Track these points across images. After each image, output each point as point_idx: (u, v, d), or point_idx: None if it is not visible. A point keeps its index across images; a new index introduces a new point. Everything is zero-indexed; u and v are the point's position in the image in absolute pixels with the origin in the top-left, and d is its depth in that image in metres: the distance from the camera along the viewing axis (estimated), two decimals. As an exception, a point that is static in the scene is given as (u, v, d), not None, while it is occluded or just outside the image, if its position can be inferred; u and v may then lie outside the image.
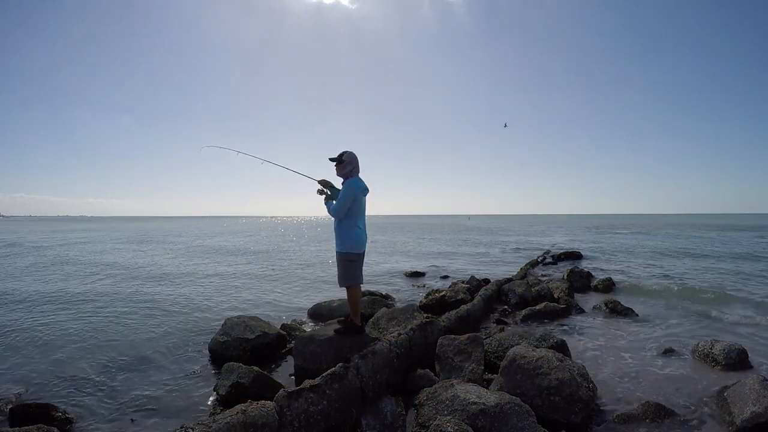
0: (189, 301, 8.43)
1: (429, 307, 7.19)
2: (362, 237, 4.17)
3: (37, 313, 7.46)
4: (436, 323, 4.84)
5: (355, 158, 4.17)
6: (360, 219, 4.15)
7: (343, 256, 4.12)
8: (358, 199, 4.07)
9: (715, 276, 11.62)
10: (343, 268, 4.13)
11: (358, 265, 4.16)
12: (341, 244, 4.13)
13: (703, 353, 4.86)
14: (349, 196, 4.03)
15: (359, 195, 4.09)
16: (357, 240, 4.10)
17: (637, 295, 8.84)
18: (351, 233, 4.08)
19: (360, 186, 4.12)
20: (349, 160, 4.14)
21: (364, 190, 4.16)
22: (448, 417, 2.97)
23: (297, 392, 3.00)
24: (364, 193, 4.18)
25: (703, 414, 3.57)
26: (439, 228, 51.92)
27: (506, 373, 3.70)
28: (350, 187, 4.05)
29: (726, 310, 7.50)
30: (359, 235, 4.12)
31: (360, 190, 4.10)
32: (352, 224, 4.08)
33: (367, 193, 4.24)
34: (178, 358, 5.14)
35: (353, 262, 4.11)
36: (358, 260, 4.15)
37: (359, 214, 4.13)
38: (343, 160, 4.13)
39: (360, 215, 4.14)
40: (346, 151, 4.18)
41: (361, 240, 4.16)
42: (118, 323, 6.73)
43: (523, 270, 11.78)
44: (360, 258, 4.16)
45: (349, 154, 4.16)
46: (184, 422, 3.10)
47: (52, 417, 3.46)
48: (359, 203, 4.11)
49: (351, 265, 4.10)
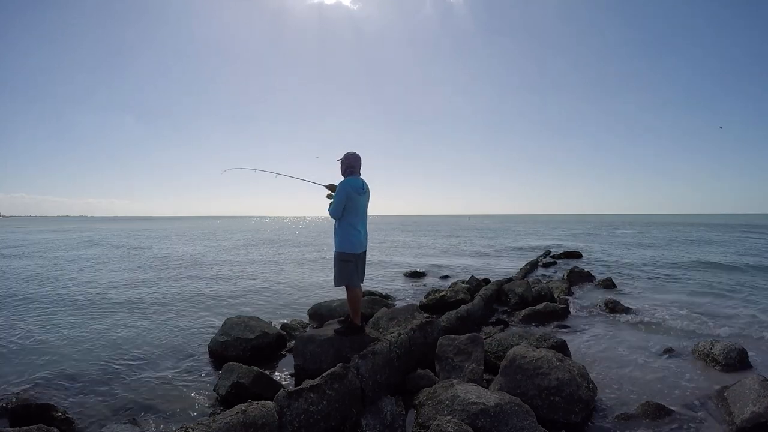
0: (189, 301, 8.43)
1: (429, 307, 7.19)
2: (359, 237, 4.15)
3: (36, 313, 7.45)
4: (436, 323, 4.84)
5: (351, 158, 4.17)
6: (357, 219, 4.12)
7: (338, 256, 4.13)
8: (352, 198, 4.04)
9: (716, 276, 11.61)
10: (338, 267, 4.13)
11: (354, 265, 4.13)
12: (337, 244, 4.14)
13: (703, 353, 4.86)
14: (341, 196, 4.04)
15: (353, 194, 4.05)
16: (353, 240, 4.09)
17: (637, 295, 8.83)
18: (347, 233, 4.08)
19: (354, 185, 4.08)
20: (344, 160, 4.18)
21: (358, 189, 4.11)
22: (448, 417, 2.97)
23: (297, 392, 3.00)
24: (359, 192, 4.12)
25: (703, 414, 3.56)
26: (439, 228, 51.92)
27: (506, 373, 3.70)
28: (343, 187, 4.07)
29: (726, 310, 7.50)
30: (355, 235, 4.10)
31: (354, 189, 4.06)
32: (348, 224, 4.08)
33: (365, 192, 4.19)
34: (178, 358, 5.14)
35: (348, 263, 4.10)
36: (354, 261, 4.13)
37: (356, 213, 4.10)
38: (339, 161, 4.20)
39: (357, 215, 4.11)
40: (349, 152, 4.21)
41: (358, 240, 4.13)
42: (118, 323, 6.73)
43: (523, 270, 11.78)
44: (356, 259, 4.14)
45: (346, 155, 4.19)
46: (184, 422, 3.10)
47: (52, 417, 3.46)
48: (355, 203, 4.08)
49: (345, 265, 4.09)
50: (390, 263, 14.97)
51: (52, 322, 6.82)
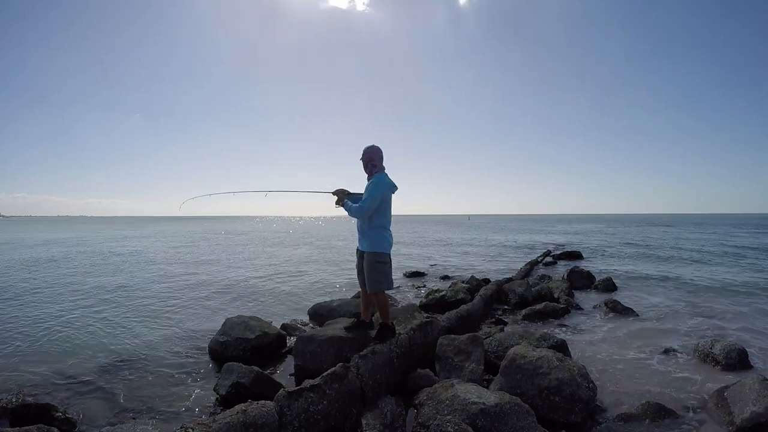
0: (189, 301, 8.43)
1: (429, 307, 7.19)
2: (391, 237, 3.97)
3: (36, 313, 7.45)
4: (436, 323, 4.84)
5: (372, 152, 3.88)
6: (387, 219, 3.91)
7: (375, 257, 3.81)
8: (386, 196, 3.83)
9: (716, 275, 11.61)
10: (375, 270, 3.81)
11: (390, 267, 3.92)
12: (371, 244, 3.84)
13: (703, 353, 4.86)
14: (378, 192, 3.74)
15: (388, 192, 3.84)
16: (387, 239, 3.89)
17: (637, 295, 8.83)
18: (380, 233, 3.85)
19: (389, 182, 3.87)
20: (366, 156, 3.88)
21: (392, 186, 3.90)
22: (448, 417, 2.97)
23: (297, 392, 3.00)
24: (393, 189, 3.92)
25: (703, 414, 3.56)
26: (439, 228, 51.91)
27: (506, 373, 3.70)
28: (380, 183, 3.76)
29: (726, 309, 7.50)
30: (388, 234, 3.92)
31: (389, 186, 3.85)
32: (381, 223, 3.85)
33: (396, 190, 3.97)
34: (178, 358, 5.14)
35: (386, 264, 3.87)
36: (390, 262, 3.93)
37: (386, 213, 3.88)
38: (361, 160, 3.92)
39: (386, 215, 3.90)
40: (367, 146, 3.90)
41: (391, 240, 3.96)
42: (117, 324, 6.73)
43: (523, 270, 11.78)
44: (391, 260, 3.96)
45: (366, 151, 3.88)
46: (184, 422, 3.10)
47: (52, 417, 3.46)
48: (388, 201, 3.87)
49: (384, 267, 3.84)
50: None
51: (52, 322, 6.82)
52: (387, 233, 3.93)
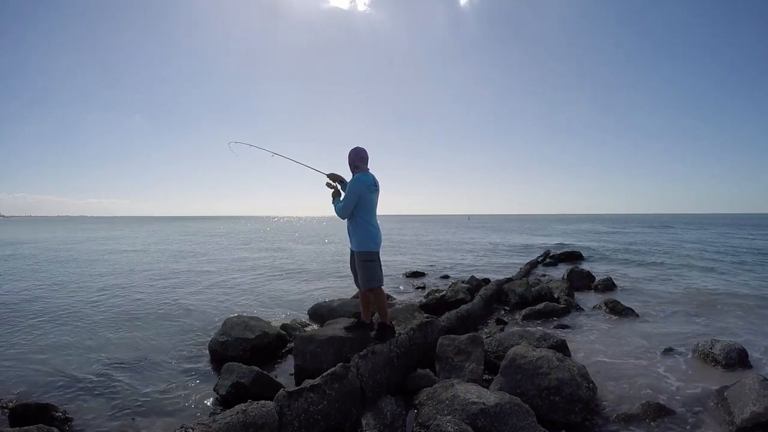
0: (189, 301, 8.43)
1: (429, 307, 7.19)
2: (378, 234, 4.05)
3: (36, 313, 7.45)
4: (436, 323, 4.84)
5: (356, 153, 3.99)
6: (371, 216, 4.00)
7: (361, 256, 3.95)
8: (364, 196, 3.90)
9: (716, 276, 11.61)
10: (364, 268, 3.95)
11: (378, 263, 4.03)
12: (358, 243, 3.97)
13: (703, 353, 4.86)
14: (352, 194, 3.87)
15: (365, 191, 3.91)
16: (373, 237, 3.97)
17: (637, 295, 8.83)
18: (366, 231, 3.94)
19: (366, 182, 3.93)
20: (348, 159, 4.02)
21: (370, 186, 3.96)
22: (448, 417, 2.97)
23: (297, 392, 3.00)
24: (371, 189, 3.97)
25: (703, 414, 3.56)
26: (439, 228, 51.90)
27: (506, 373, 3.70)
28: (355, 184, 3.89)
29: (726, 310, 7.50)
30: (374, 232, 3.99)
31: (365, 186, 3.92)
32: (365, 222, 3.95)
33: (376, 188, 4.04)
34: (178, 358, 5.14)
35: (373, 262, 3.98)
36: (378, 258, 4.03)
37: (369, 211, 3.97)
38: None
39: (370, 212, 3.99)
40: (352, 149, 4.02)
41: (378, 238, 4.04)
42: (117, 323, 6.73)
43: (523, 270, 11.78)
44: (378, 256, 4.05)
45: (351, 151, 4.02)
46: (184, 422, 3.10)
47: (52, 417, 3.46)
48: (368, 200, 3.94)
49: (371, 264, 3.97)
50: (390, 263, 14.95)
51: (52, 322, 6.82)
52: (373, 230, 4.00)
